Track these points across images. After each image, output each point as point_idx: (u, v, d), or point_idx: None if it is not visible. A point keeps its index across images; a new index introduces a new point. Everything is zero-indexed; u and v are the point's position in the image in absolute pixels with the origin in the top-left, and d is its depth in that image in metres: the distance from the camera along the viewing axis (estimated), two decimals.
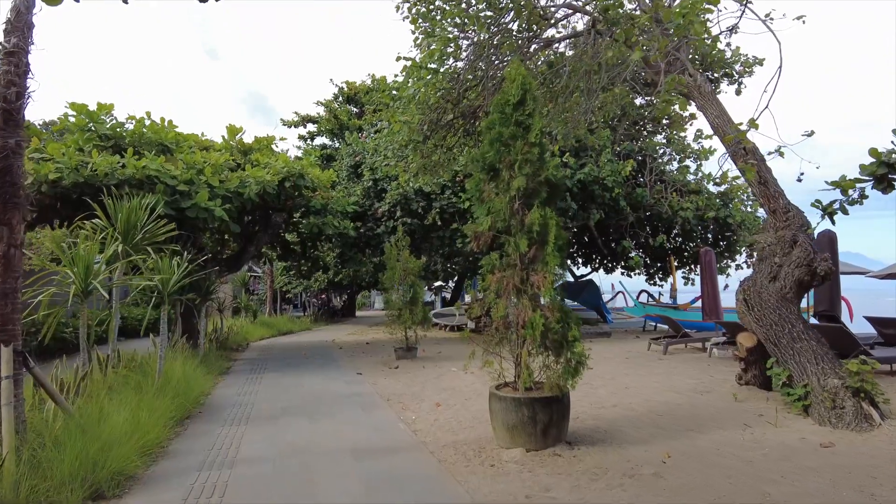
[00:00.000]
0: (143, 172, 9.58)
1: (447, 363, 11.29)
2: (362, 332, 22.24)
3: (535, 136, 5.27)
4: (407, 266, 11.57)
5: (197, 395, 7.40)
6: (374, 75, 24.57)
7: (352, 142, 16.33)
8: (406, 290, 11.47)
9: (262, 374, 10.43)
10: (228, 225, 10.98)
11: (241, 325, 18.78)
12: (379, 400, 7.73)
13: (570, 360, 5.16)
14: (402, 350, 11.74)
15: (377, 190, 14.76)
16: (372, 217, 14.72)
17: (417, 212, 13.90)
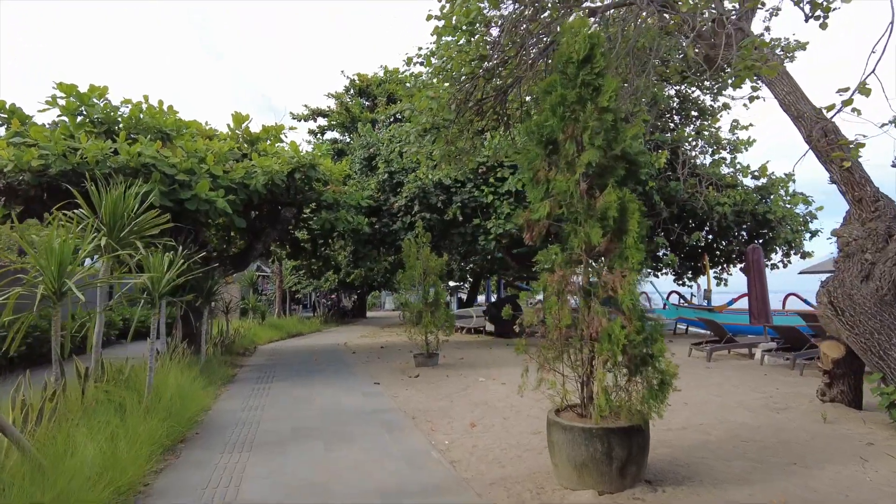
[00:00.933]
0: (139, 160, 8.62)
1: (472, 372, 10.25)
2: (374, 334, 21.25)
3: (607, 100, 4.22)
4: (428, 265, 10.54)
5: (194, 412, 6.40)
6: (386, 67, 23.60)
7: (365, 133, 15.35)
8: (426, 291, 10.44)
9: (269, 383, 9.44)
10: (233, 219, 10.00)
11: (249, 328, 17.85)
12: (403, 418, 6.70)
13: (653, 380, 4.10)
14: (422, 356, 10.72)
15: (393, 183, 13.76)
16: (387, 212, 13.72)
17: (437, 206, 12.88)
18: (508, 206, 12.58)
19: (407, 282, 10.68)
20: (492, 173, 13.14)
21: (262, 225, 12.53)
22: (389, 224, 13.46)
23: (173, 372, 7.02)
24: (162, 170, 8.74)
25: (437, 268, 10.57)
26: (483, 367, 10.73)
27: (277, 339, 18.59)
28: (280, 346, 16.67)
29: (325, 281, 27.93)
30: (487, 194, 12.75)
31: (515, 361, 11.49)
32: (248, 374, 10.58)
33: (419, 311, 10.51)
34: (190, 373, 7.80)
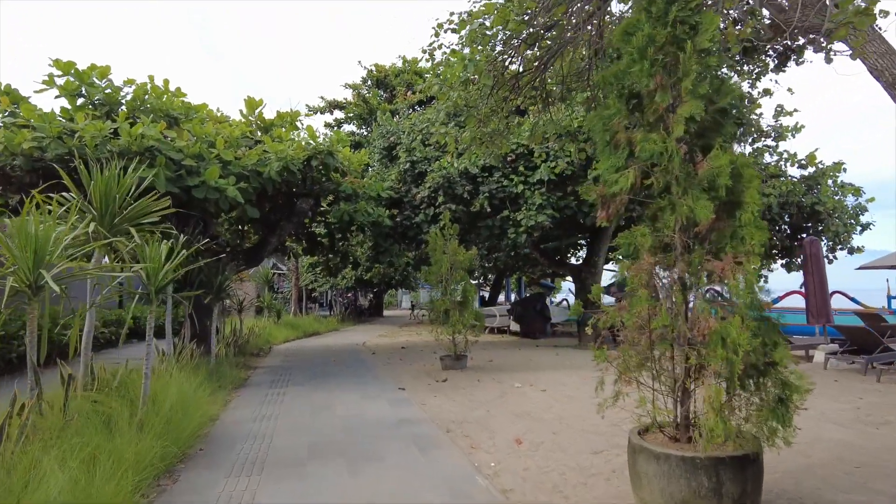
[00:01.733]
0: (142, 143, 7.87)
1: (505, 376, 9.35)
2: (393, 333, 20.45)
3: (708, 39, 3.29)
4: (455, 259, 9.66)
5: (198, 424, 5.60)
6: (404, 57, 22.77)
7: (384, 122, 14.53)
8: (454, 288, 9.56)
9: (284, 387, 8.64)
10: (245, 209, 9.23)
11: (264, 327, 17.14)
12: (437, 432, 5.83)
13: (774, 395, 3.18)
14: (449, 359, 9.84)
15: (415, 174, 12.91)
16: (409, 204, 12.87)
17: (463, 197, 11.99)
18: (540, 196, 11.65)
19: (433, 278, 9.81)
20: (521, 161, 12.22)
21: (276, 217, 11.76)
22: (411, 216, 12.61)
23: (176, 377, 6.24)
24: (167, 154, 7.98)
25: (465, 262, 9.68)
26: (516, 371, 9.82)
27: (294, 339, 17.88)
28: (296, 346, 15.93)
29: (343, 279, 27.21)
30: (517, 184, 11.84)
31: (551, 364, 10.56)
32: (262, 376, 9.80)
33: (446, 310, 9.63)
34: (196, 377, 7.01)
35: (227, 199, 8.50)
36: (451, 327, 9.49)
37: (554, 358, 11.68)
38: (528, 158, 12.36)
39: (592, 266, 14.00)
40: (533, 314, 17.17)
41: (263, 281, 19.75)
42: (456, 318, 9.43)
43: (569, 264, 14.79)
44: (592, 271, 13.98)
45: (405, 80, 21.72)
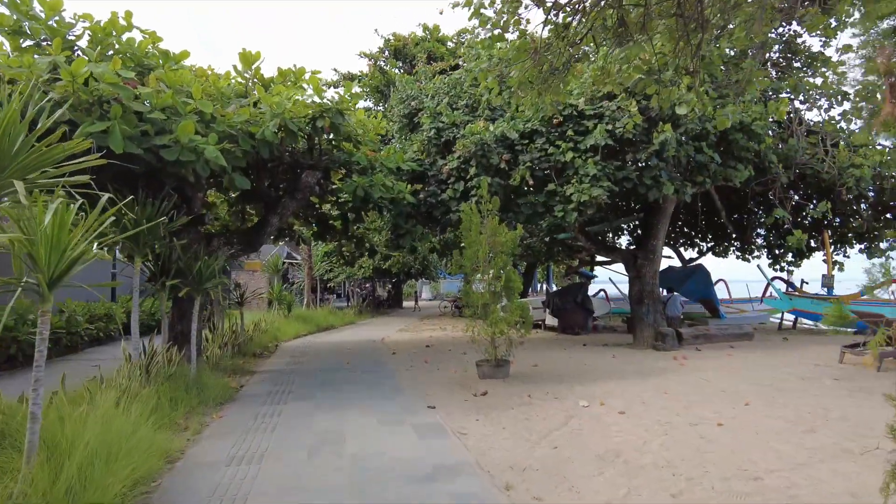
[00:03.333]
0: (95, 92, 6.03)
1: (561, 388, 7.38)
2: (415, 327, 18.61)
3: None
4: (495, 240, 7.68)
5: (131, 480, 3.72)
6: (425, 24, 20.68)
7: (404, 85, 12.55)
8: (494, 277, 7.59)
9: (282, 402, 6.81)
10: (233, 178, 7.36)
11: (272, 321, 15.42)
12: (491, 489, 3.90)
13: None
14: (488, 365, 7.90)
15: (441, 143, 10.92)
16: (434, 178, 10.90)
17: (500, 168, 9.97)
18: (595, 165, 9.58)
19: (467, 264, 7.85)
20: (570, 124, 10.15)
21: (277, 193, 9.91)
22: (437, 192, 10.64)
23: (109, 403, 4.39)
24: (127, 104, 6.12)
25: (508, 244, 7.70)
26: (574, 381, 7.85)
27: (305, 334, 16.14)
28: (307, 342, 14.16)
29: (360, 268, 25.47)
30: (565, 151, 9.79)
31: (613, 371, 8.53)
32: (259, 386, 7.98)
33: (484, 304, 7.67)
34: (152, 400, 5.19)
35: (207, 164, 6.63)
36: (492, 326, 7.53)
37: (613, 362, 9.67)
38: (578, 121, 10.29)
39: (650, 251, 11.89)
40: (573, 307, 15.14)
41: (272, 270, 18.04)
42: (497, 315, 7.46)
43: (621, 250, 12.72)
44: (650, 257, 11.88)
45: (426, 48, 19.66)
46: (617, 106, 10.09)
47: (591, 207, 9.65)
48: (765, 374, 8.13)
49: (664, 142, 9.68)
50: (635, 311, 11.80)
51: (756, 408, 6.08)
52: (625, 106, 9.96)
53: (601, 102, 10.33)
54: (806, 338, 13.05)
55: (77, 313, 11.91)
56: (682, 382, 7.61)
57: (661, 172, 10.08)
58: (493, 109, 10.92)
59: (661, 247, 12.30)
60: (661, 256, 12.25)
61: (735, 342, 12.02)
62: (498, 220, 7.81)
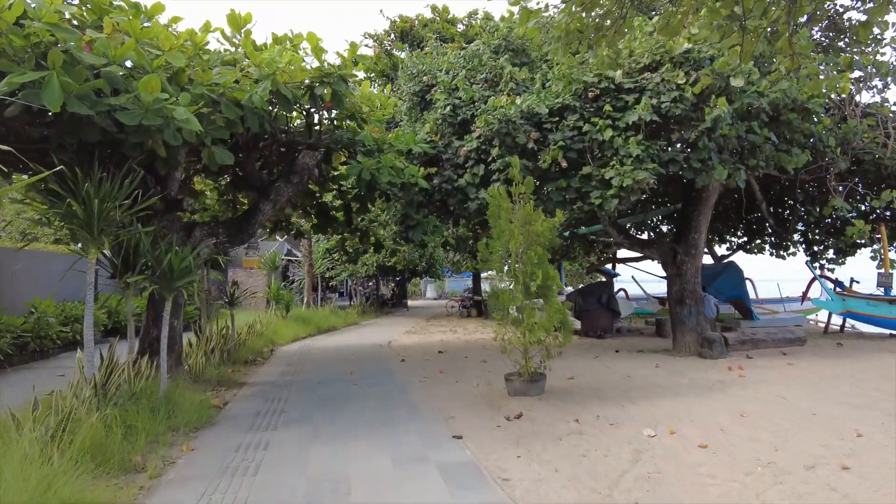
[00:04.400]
0: (32, 37, 4.75)
1: (612, 409, 6.08)
2: (422, 328, 17.32)
3: None
4: (530, 230, 6.37)
5: None
6: (434, 6, 19.36)
7: (415, 62, 11.24)
8: (529, 273, 6.26)
9: (271, 429, 5.51)
10: (213, 153, 6.07)
11: (268, 323, 14.14)
12: None
13: None
14: (520, 380, 6.58)
15: (457, 121, 9.61)
16: (449, 162, 9.58)
17: (527, 148, 8.65)
18: (637, 144, 8.26)
19: (494, 258, 6.53)
20: (607, 98, 8.83)
21: (270, 177, 8.62)
22: (452, 178, 9.33)
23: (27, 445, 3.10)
24: (76, 54, 4.83)
25: (545, 235, 6.38)
26: (623, 399, 6.54)
27: (304, 337, 14.86)
28: (307, 346, 12.87)
29: (363, 266, 24.19)
30: (603, 128, 8.49)
31: (665, 384, 7.20)
32: (246, 404, 6.69)
33: (517, 307, 6.35)
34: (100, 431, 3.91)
35: (180, 133, 5.33)
36: (526, 333, 6.21)
37: (659, 373, 8.35)
38: (616, 95, 8.98)
39: (691, 245, 10.56)
40: (597, 308, 13.83)
41: (270, 267, 16.77)
42: (532, 321, 6.14)
43: (658, 244, 11.40)
44: (692, 252, 10.55)
45: (435, 29, 18.33)
46: (661, 78, 8.76)
47: (634, 193, 8.33)
48: (848, 390, 6.81)
49: (717, 118, 8.35)
50: (676, 313, 10.47)
51: (874, 440, 4.76)
52: (671, 78, 8.64)
53: (641, 75, 9.01)
54: (860, 343, 11.71)
55: (48, 314, 10.65)
56: (756, 401, 6.29)
57: (710, 154, 8.76)
58: (517, 83, 9.60)
59: (704, 241, 10.97)
60: (703, 251, 10.92)
61: (786, 348, 10.70)
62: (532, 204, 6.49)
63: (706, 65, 8.75)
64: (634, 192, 8.38)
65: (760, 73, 9.18)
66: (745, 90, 8.64)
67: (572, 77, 8.94)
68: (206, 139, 5.93)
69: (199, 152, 6.32)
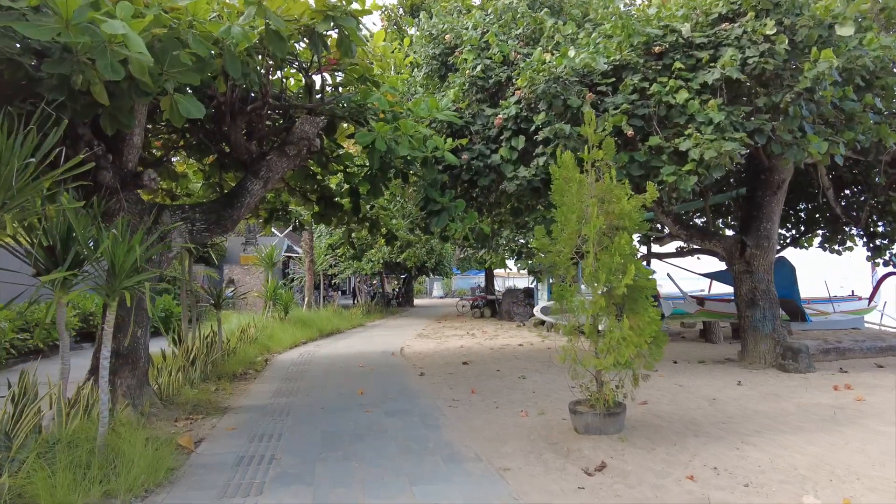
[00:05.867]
0: None
1: (726, 453, 4.41)
2: (435, 331, 15.67)
3: None
4: (612, 209, 4.68)
5: None
6: None
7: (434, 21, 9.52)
8: (613, 269, 4.58)
9: (253, 496, 3.85)
10: (177, 103, 4.39)
11: (264, 326, 12.49)
12: None
13: None
14: (593, 414, 4.88)
15: (489, 86, 7.93)
16: (480, 134, 7.91)
17: (582, 113, 6.98)
18: (718, 110, 6.60)
19: (565, 248, 4.84)
20: (675, 55, 7.15)
21: (262, 148, 6.96)
22: (484, 154, 7.66)
23: None
24: None
25: (631, 216, 4.69)
26: (730, 435, 4.87)
27: (305, 342, 13.21)
28: (307, 354, 11.22)
29: (368, 262, 22.53)
30: (672, 91, 6.82)
31: (763, 410, 5.47)
32: (222, 447, 5.02)
33: (594, 315, 4.66)
34: None
35: (121, 67, 3.66)
36: (609, 353, 4.51)
37: (748, 393, 6.68)
38: (686, 52, 7.30)
39: (763, 237, 8.87)
40: None
41: (267, 264, 15.11)
42: (618, 334, 4.44)
43: (723, 236, 9.70)
44: (764, 245, 8.86)
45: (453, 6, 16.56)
46: (742, 30, 7.07)
47: (717, 169, 6.62)
48: None
49: (818, 77, 6.66)
50: (746, 316, 8.79)
51: None
52: (757, 28, 6.94)
53: (714, 29, 7.33)
54: None
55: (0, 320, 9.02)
56: None
57: (803, 123, 7.08)
58: (562, 38, 7.90)
59: (776, 231, 9.28)
60: (776, 244, 9.23)
61: (878, 358, 9.03)
62: (615, 173, 4.80)
63: (800, 13, 7.07)
64: (717, 168, 6.68)
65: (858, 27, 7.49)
66: (852, 43, 6.96)
67: (633, 29, 7.25)
68: (166, 83, 4.26)
69: (152, 96, 4.63)
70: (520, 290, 20.27)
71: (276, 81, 7.34)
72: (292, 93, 7.62)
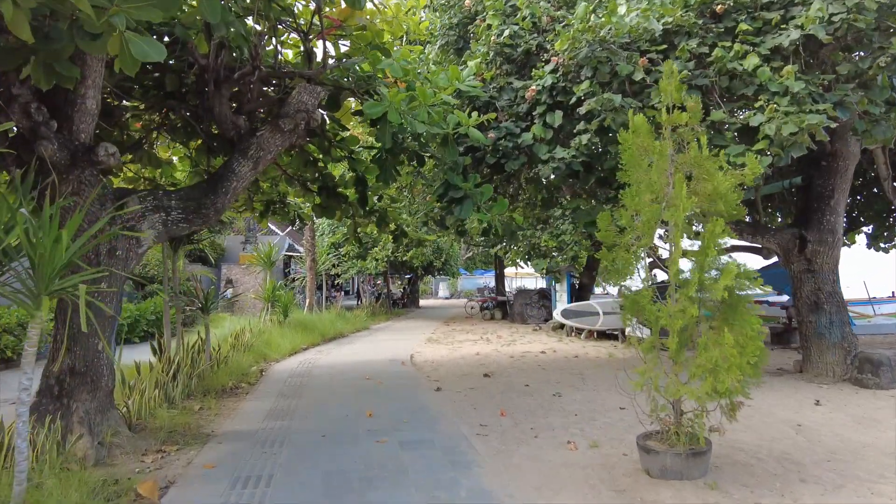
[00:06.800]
0: None
1: None
2: (445, 335, 14.59)
3: None
4: (703, 188, 3.58)
5: None
6: None
7: None
8: (703, 266, 3.48)
9: None
10: (127, 44, 3.30)
11: (261, 331, 11.43)
12: None
13: None
14: (672, 455, 3.77)
15: (517, 55, 6.84)
16: (507, 111, 6.81)
17: (632, 82, 5.87)
18: (795, 78, 5.51)
19: (644, 236, 3.74)
20: (739, 16, 6.05)
21: (252, 123, 5.87)
22: (513, 132, 6.57)
23: None
24: None
25: (730, 198, 3.58)
26: (853, 483, 3.76)
27: (306, 348, 12.12)
28: (308, 363, 10.13)
29: (373, 261, 21.46)
30: (738, 56, 5.73)
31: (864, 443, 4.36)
32: (199, 490, 3.93)
33: (684, 328, 3.54)
34: None
35: None
36: (707, 379, 3.40)
37: (837, 417, 5.58)
38: (751, 13, 6.19)
39: (827, 231, 7.75)
40: None
41: (266, 263, 14.04)
42: (718, 353, 3.34)
43: (779, 230, 8.56)
44: (828, 240, 7.74)
45: None
46: None
47: (794, 148, 5.51)
48: None
49: None
50: (809, 322, 7.67)
51: None
52: None
53: None
54: None
55: None
56: None
57: (893, 94, 5.99)
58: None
59: (842, 224, 8.16)
60: (841, 239, 8.10)
61: None
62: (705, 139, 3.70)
63: None
64: (794, 147, 5.56)
65: None
66: None
67: None
68: (115, 17, 3.18)
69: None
70: (533, 291, 19.16)
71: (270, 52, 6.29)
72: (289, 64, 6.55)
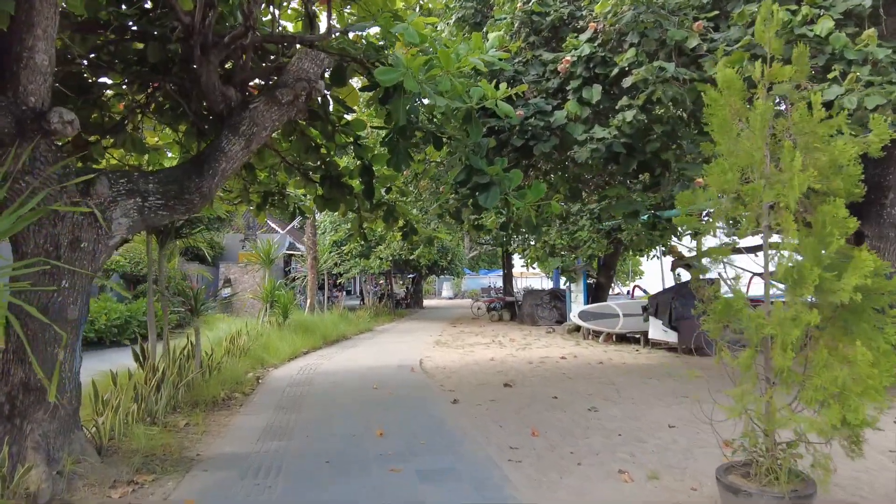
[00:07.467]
0: None
1: None
2: (454, 337, 13.81)
3: None
4: (816, 159, 2.79)
5: None
6: None
7: None
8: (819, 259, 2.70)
9: None
10: None
11: (259, 334, 10.66)
12: None
13: None
14: (770, 497, 2.98)
15: (545, 25, 6.05)
16: (536, 87, 6.02)
17: (684, 51, 5.08)
18: (877, 43, 4.73)
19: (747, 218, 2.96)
20: None
21: (244, 95, 5.09)
22: (543, 109, 5.77)
23: None
24: None
25: (849, 172, 2.80)
26: None
27: (307, 351, 11.33)
28: (309, 369, 9.34)
29: (377, 260, 20.68)
30: (807, 17, 4.95)
31: None
32: None
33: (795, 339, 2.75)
34: None
35: None
36: (832, 407, 2.61)
37: None
38: None
39: (888, 225, 6.95)
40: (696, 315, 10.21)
41: (264, 262, 13.27)
42: (846, 373, 2.55)
43: None
44: (890, 235, 6.94)
45: None
46: None
47: None
48: None
49: None
50: None
51: None
52: None
53: None
54: None
55: None
56: None
57: None
58: None
59: None
60: None
61: None
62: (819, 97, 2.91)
63: None
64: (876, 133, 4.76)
65: None
66: None
67: None
68: None
69: None
70: (544, 292, 18.35)
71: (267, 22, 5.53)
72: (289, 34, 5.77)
